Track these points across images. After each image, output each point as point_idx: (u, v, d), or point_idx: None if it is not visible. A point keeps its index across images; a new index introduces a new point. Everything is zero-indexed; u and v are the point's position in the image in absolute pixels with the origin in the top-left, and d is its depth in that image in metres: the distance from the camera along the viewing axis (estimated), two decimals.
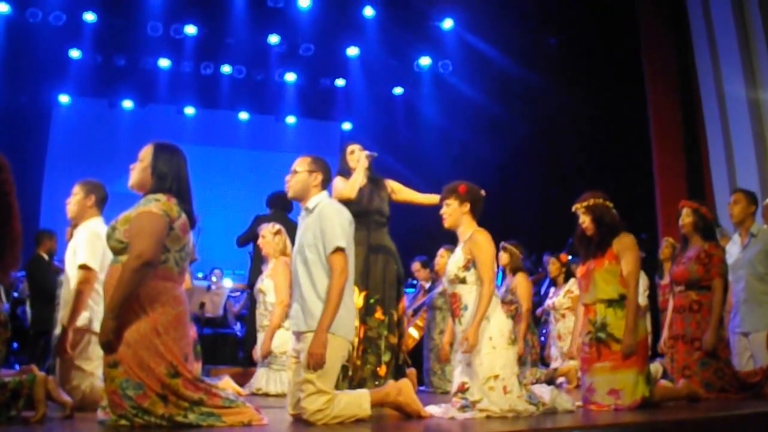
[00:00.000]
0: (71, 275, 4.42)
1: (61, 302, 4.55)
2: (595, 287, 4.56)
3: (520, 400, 4.12)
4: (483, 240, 4.30)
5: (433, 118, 12.19)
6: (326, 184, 4.13)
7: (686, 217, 5.29)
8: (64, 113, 11.75)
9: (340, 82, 12.53)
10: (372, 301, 4.81)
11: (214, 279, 8.80)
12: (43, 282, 6.79)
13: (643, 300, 6.82)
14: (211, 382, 3.68)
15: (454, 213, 4.39)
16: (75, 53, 11.09)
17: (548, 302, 7.29)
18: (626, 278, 4.48)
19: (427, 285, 7.54)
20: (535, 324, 7.30)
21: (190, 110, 12.30)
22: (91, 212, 4.60)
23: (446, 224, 4.43)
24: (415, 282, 8.80)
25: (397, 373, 4.95)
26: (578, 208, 4.70)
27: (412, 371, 5.12)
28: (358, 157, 5.03)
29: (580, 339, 4.70)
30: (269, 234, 6.20)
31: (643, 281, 6.83)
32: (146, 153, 3.61)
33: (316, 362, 3.69)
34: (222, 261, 8.98)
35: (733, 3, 9.02)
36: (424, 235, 9.08)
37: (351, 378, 4.68)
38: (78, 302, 4.28)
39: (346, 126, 13.25)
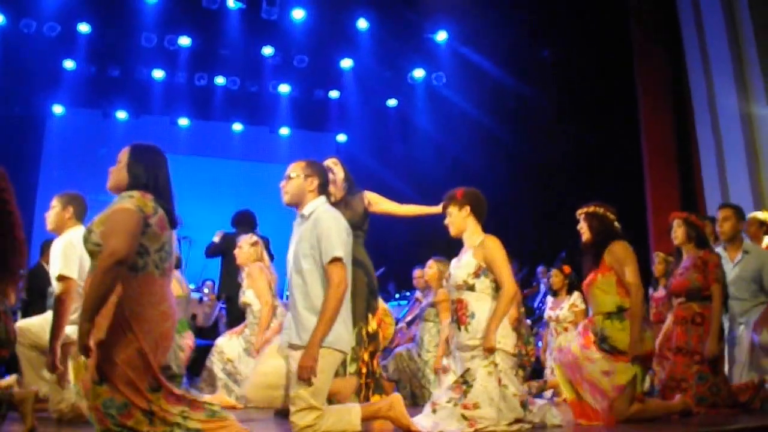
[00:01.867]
0: (52, 289, 4.43)
1: (51, 314, 4.48)
2: (594, 300, 4.58)
3: (515, 399, 4.12)
4: (495, 245, 4.29)
5: (427, 129, 12.22)
6: (322, 189, 3.97)
7: (677, 229, 5.32)
8: (58, 124, 11.73)
9: (334, 94, 12.56)
10: None
11: (206, 291, 8.78)
12: (44, 292, 6.78)
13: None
14: (196, 395, 3.59)
15: (457, 220, 4.38)
16: (69, 64, 11.10)
17: (550, 314, 7.21)
18: (626, 285, 4.45)
19: (422, 296, 7.52)
20: (528, 334, 7.27)
21: (184, 121, 12.30)
22: (69, 224, 4.61)
23: (452, 233, 4.42)
24: (408, 294, 8.79)
25: (376, 386, 4.90)
26: (580, 213, 4.75)
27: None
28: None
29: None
30: (246, 245, 6.26)
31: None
32: (123, 154, 3.44)
33: (305, 375, 3.59)
34: (214, 272, 8.94)
35: (726, 16, 9.08)
36: (419, 245, 9.12)
37: None
38: (60, 315, 4.22)
39: (341, 137, 13.27)
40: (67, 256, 4.36)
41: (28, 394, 3.72)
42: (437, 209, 4.75)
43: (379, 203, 5.15)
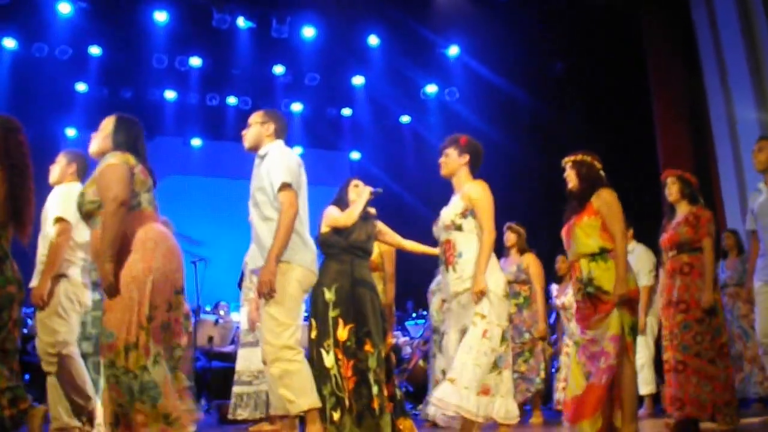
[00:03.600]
0: (44, 233, 4.70)
1: (37, 261, 4.74)
2: (576, 242, 4.45)
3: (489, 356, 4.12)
4: (483, 189, 4.36)
5: (440, 145, 12.15)
6: (280, 134, 4.31)
7: (672, 186, 5.31)
8: (72, 146, 11.69)
9: (346, 112, 12.53)
10: (361, 333, 4.74)
11: (221, 312, 8.70)
12: None
13: (650, 280, 6.78)
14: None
15: (453, 163, 4.48)
16: (81, 87, 11.15)
17: (557, 302, 7.18)
18: (611, 230, 4.37)
19: None
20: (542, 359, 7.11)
21: (197, 141, 12.30)
22: (70, 178, 4.92)
23: (443, 172, 4.51)
24: (425, 312, 8.70)
25: (400, 409, 4.93)
26: (567, 162, 4.67)
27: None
28: (361, 191, 5.00)
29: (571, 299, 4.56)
30: None
31: (650, 261, 6.81)
32: (107, 123, 3.84)
33: (265, 288, 3.82)
34: (229, 294, 8.88)
35: (742, 24, 8.95)
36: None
37: (350, 410, 4.59)
38: (55, 253, 4.57)
39: (354, 155, 13.23)
40: (66, 202, 4.64)
41: (38, 411, 3.82)
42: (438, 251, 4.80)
43: (387, 234, 5.23)
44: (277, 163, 4.10)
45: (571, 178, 4.62)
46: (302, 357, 3.98)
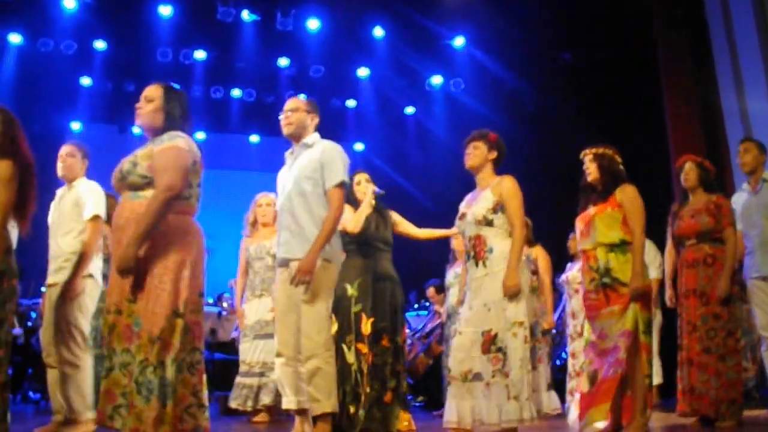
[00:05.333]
0: (66, 229, 4.71)
1: (55, 256, 4.74)
2: (596, 231, 4.48)
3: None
4: (514, 185, 4.42)
5: (446, 137, 12.07)
6: (317, 128, 4.37)
7: (690, 171, 5.31)
8: (76, 139, 11.75)
9: (351, 103, 12.49)
10: (379, 328, 4.76)
11: (225, 305, 8.70)
12: None
13: (659, 274, 6.81)
14: None
15: (481, 156, 4.50)
16: (86, 81, 11.16)
17: (562, 276, 7.19)
18: (632, 225, 4.41)
19: (441, 309, 7.46)
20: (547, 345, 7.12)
21: (200, 135, 12.27)
22: (81, 173, 4.95)
23: (469, 163, 4.50)
24: (428, 304, 8.70)
25: (402, 402, 4.92)
26: (587, 154, 4.70)
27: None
28: (365, 189, 5.03)
29: (581, 288, 4.56)
30: None
31: (658, 254, 6.81)
32: (156, 93, 3.64)
33: (303, 275, 3.87)
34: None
35: (756, 14, 8.81)
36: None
37: (364, 404, 4.61)
38: (90, 250, 4.64)
39: (359, 146, 13.20)
40: (98, 199, 4.77)
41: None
42: (452, 232, 4.98)
43: (402, 224, 5.30)
44: (338, 159, 4.15)
45: (592, 170, 4.65)
46: (334, 359, 4.04)
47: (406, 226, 5.30)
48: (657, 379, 6.80)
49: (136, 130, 11.88)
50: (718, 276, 5.04)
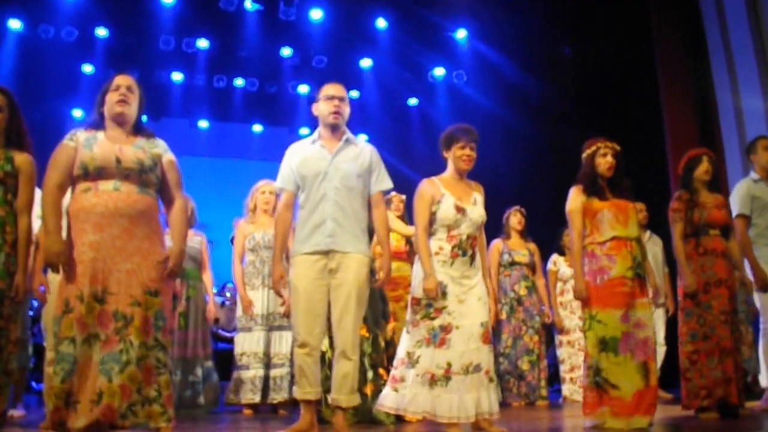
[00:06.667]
0: None
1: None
2: (633, 225, 4.65)
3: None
4: None
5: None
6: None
7: (711, 166, 5.40)
8: (78, 127, 11.72)
9: (353, 94, 12.47)
10: None
11: (228, 294, 8.70)
12: None
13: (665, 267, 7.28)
14: None
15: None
16: (88, 68, 11.09)
17: (553, 268, 7.36)
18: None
19: None
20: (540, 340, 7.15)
21: (203, 123, 12.28)
22: None
23: (470, 167, 4.76)
24: None
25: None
26: (608, 146, 4.82)
27: None
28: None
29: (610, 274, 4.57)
30: None
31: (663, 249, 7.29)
32: (135, 86, 3.90)
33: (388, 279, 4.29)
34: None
35: (750, 15, 8.85)
36: None
37: None
38: None
39: (362, 137, 13.18)
40: None
41: None
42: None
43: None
44: (383, 166, 4.48)
45: (612, 166, 4.78)
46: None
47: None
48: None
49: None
50: (741, 267, 5.29)
